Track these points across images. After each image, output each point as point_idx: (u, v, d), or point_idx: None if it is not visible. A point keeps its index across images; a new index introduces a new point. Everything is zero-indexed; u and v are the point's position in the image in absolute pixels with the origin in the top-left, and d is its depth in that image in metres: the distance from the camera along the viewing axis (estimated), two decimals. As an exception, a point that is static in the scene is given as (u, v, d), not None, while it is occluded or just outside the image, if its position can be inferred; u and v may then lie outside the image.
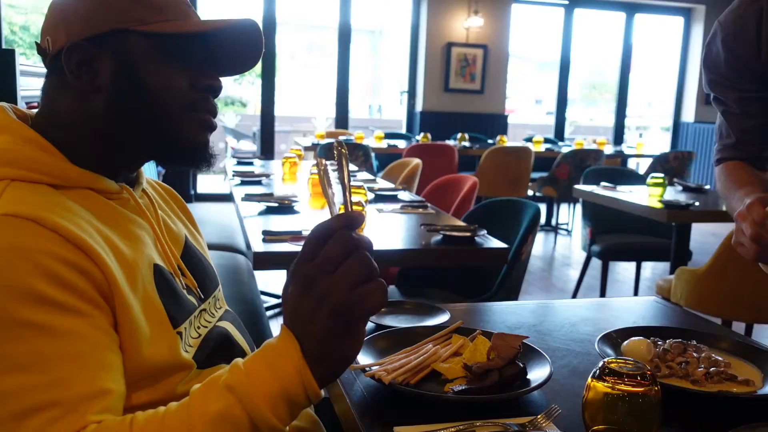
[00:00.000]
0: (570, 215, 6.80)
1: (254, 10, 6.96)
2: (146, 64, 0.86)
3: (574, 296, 4.11)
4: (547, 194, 5.96)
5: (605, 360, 0.83)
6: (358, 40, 14.65)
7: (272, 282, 4.15)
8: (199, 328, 0.93)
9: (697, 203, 3.03)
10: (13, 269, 0.69)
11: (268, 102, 7.17)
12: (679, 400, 0.96)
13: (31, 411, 0.66)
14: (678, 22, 8.57)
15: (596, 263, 4.14)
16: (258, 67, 7.52)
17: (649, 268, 5.26)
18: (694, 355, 1.06)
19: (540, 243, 6.31)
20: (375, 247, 0.73)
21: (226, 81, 0.97)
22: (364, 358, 1.00)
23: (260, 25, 0.94)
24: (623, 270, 5.10)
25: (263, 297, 3.86)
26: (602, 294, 3.89)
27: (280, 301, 3.81)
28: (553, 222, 6.58)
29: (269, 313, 3.65)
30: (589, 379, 0.83)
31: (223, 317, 1.01)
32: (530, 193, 6.25)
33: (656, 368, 1.03)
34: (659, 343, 1.10)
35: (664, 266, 5.08)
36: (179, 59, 0.88)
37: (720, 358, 1.06)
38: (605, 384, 0.81)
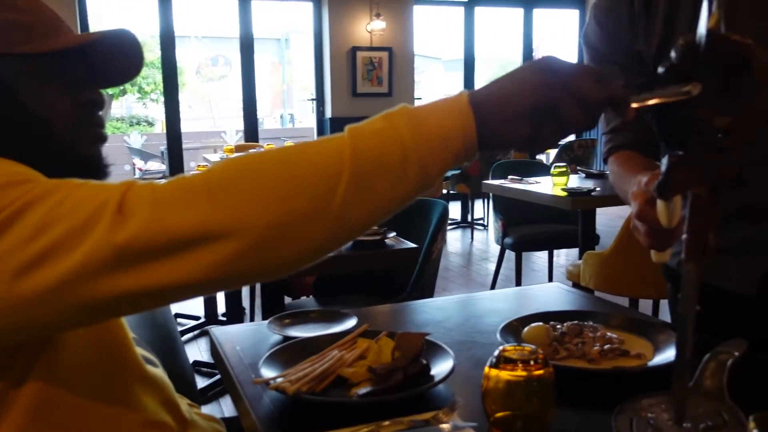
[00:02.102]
0: (485, 210, 6.95)
1: (150, 24, 6.79)
2: (23, 86, 0.83)
3: (492, 288, 4.21)
4: (461, 191, 6.08)
5: (500, 348, 0.85)
6: (264, 49, 14.51)
7: (189, 303, 4.04)
8: None
9: (598, 189, 3.16)
10: None
11: (173, 119, 7.00)
12: (577, 379, 1.00)
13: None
14: (574, 15, 8.91)
15: (513, 255, 4.25)
16: (160, 84, 7.33)
17: (563, 255, 5.44)
18: (590, 335, 1.10)
19: (458, 239, 6.43)
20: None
21: (129, 101, 0.96)
22: (267, 372, 0.99)
23: (158, 39, 0.93)
24: (538, 259, 5.26)
25: (180, 320, 3.76)
26: (518, 284, 4.00)
27: (198, 322, 3.72)
28: (469, 218, 6.71)
29: (187, 336, 3.56)
30: (487, 368, 0.85)
31: None
32: (444, 191, 6.36)
33: (555, 351, 1.06)
34: (558, 326, 1.14)
35: (576, 252, 5.27)
36: (56, 77, 0.86)
37: (614, 336, 1.10)
38: (501, 371, 0.83)
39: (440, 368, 1.00)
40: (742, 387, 0.92)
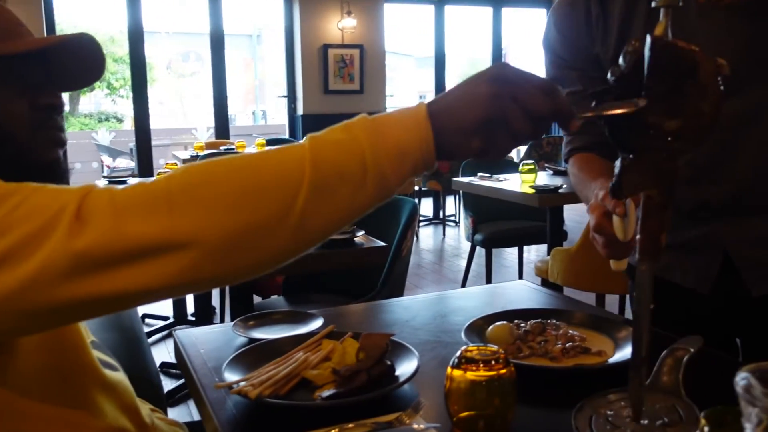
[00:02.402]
0: (456, 207, 6.99)
1: (119, 19, 6.70)
2: None
3: (463, 285, 4.23)
4: (433, 188, 6.11)
5: (462, 349, 0.86)
6: (236, 46, 14.38)
7: (157, 303, 3.97)
8: None
9: (565, 186, 3.19)
10: None
11: (142, 115, 6.90)
12: (540, 377, 1.01)
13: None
14: (542, 14, 8.98)
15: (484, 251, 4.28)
16: (129, 80, 7.23)
17: (534, 251, 5.50)
18: (553, 333, 1.12)
19: (430, 236, 6.45)
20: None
21: (98, 97, 0.95)
22: (230, 375, 0.98)
23: (127, 35, 0.92)
24: (509, 255, 5.30)
25: (148, 320, 3.72)
26: (488, 281, 4.03)
27: (167, 323, 3.68)
28: (441, 215, 6.74)
29: (156, 337, 3.52)
30: (449, 369, 0.86)
31: None
32: (416, 188, 6.37)
33: (518, 350, 1.07)
34: (522, 325, 1.15)
35: (546, 248, 5.32)
36: (14, 80, 0.85)
37: (576, 333, 1.12)
38: (463, 372, 0.84)
39: (405, 369, 1.00)
40: (699, 382, 0.94)
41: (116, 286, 0.63)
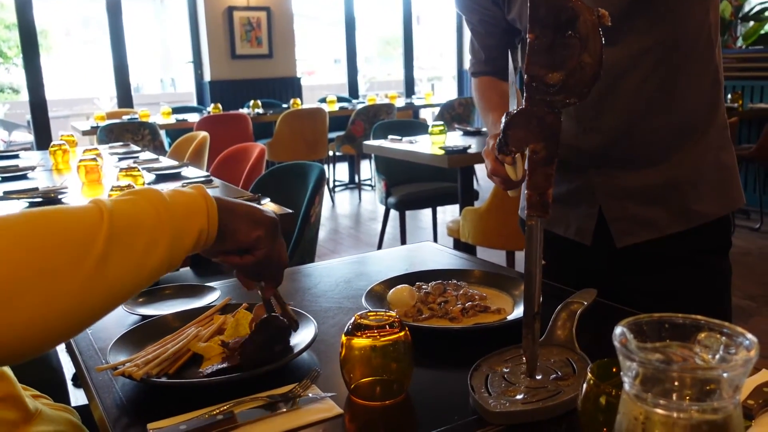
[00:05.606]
0: (372, 170, 6.97)
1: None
2: None
3: (379, 248, 4.24)
4: (347, 152, 6.05)
5: (356, 315, 0.84)
6: (140, 10, 13.68)
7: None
8: None
9: (473, 146, 3.21)
10: None
11: (36, 85, 6.53)
12: (440, 338, 1.00)
13: None
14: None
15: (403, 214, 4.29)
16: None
17: (449, 211, 5.57)
18: (453, 293, 1.11)
19: (346, 201, 6.43)
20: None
21: None
22: (117, 356, 0.92)
23: None
24: (425, 216, 5.35)
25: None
26: (403, 243, 4.05)
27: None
28: (357, 179, 6.71)
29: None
30: (343, 337, 0.83)
31: None
32: (331, 153, 6.31)
33: (419, 312, 1.06)
34: (424, 287, 1.14)
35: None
36: None
37: (476, 292, 1.11)
38: (357, 339, 0.82)
39: (301, 338, 0.97)
40: (595, 334, 0.95)
41: None
